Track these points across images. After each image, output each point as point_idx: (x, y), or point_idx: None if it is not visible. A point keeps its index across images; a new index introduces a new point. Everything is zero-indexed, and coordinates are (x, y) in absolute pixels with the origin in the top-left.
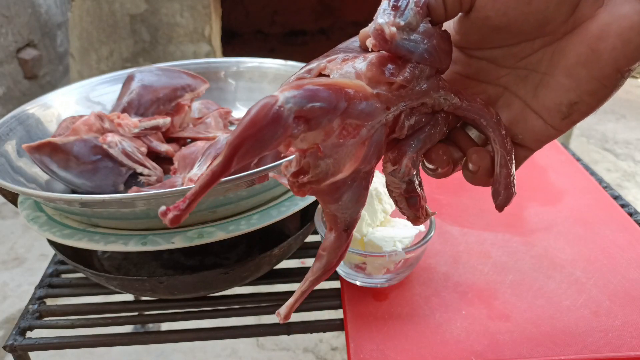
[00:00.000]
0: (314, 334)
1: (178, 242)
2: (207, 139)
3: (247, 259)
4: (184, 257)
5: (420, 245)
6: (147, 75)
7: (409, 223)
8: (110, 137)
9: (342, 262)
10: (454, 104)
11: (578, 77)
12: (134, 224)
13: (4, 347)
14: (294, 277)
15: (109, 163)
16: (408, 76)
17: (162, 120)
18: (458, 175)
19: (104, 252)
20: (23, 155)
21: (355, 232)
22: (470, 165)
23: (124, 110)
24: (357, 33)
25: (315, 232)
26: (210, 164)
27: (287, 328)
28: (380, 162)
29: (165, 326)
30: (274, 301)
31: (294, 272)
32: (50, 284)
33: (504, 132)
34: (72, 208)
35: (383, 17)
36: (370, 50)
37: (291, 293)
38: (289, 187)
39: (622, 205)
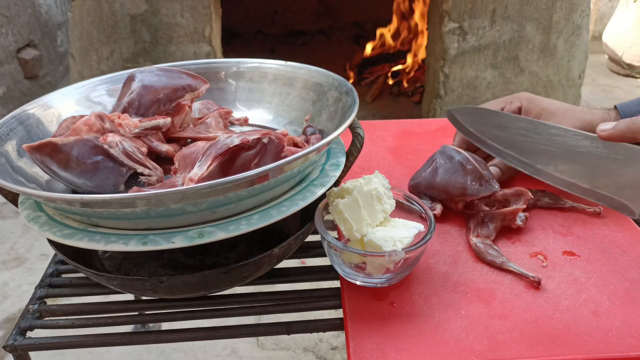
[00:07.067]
0: (314, 334)
1: (178, 241)
2: (208, 139)
3: (247, 259)
4: (185, 256)
5: (420, 245)
6: (147, 75)
7: (409, 223)
8: (111, 137)
9: (342, 262)
10: None
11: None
12: (134, 224)
13: (4, 347)
14: (294, 277)
15: (109, 163)
16: None
17: (163, 121)
18: None
19: (105, 252)
20: (23, 156)
21: (355, 232)
22: None
23: (124, 111)
24: (357, 33)
25: (315, 232)
26: None
27: (287, 327)
28: None
29: (166, 326)
30: (274, 301)
31: (294, 272)
32: (51, 283)
33: None
34: (72, 208)
35: None
36: None
37: (291, 293)
38: None
39: None
